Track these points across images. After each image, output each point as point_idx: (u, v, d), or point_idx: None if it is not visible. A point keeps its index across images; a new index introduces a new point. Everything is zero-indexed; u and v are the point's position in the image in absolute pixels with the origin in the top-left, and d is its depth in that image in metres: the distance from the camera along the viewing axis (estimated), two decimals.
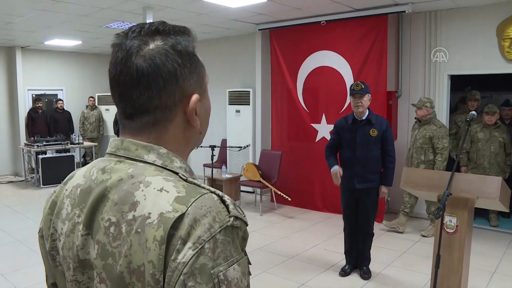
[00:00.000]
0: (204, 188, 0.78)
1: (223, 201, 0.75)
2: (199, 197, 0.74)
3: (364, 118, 4.15)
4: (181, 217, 0.71)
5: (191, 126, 0.86)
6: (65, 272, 0.87)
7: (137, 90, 0.81)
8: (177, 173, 0.81)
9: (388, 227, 5.69)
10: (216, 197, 0.75)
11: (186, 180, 0.80)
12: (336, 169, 4.18)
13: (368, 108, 4.17)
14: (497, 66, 5.62)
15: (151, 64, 0.80)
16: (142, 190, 0.77)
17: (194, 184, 0.79)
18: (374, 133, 4.12)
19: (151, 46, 0.81)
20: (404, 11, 5.78)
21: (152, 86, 0.80)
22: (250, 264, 0.79)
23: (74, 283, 0.85)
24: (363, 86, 4.07)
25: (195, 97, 0.84)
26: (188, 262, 0.69)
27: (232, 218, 0.74)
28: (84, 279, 0.83)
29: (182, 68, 0.82)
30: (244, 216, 0.77)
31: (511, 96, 6.63)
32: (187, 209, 0.72)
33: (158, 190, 0.76)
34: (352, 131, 4.19)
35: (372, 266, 4.36)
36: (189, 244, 0.70)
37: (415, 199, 5.61)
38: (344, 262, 4.44)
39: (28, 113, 9.57)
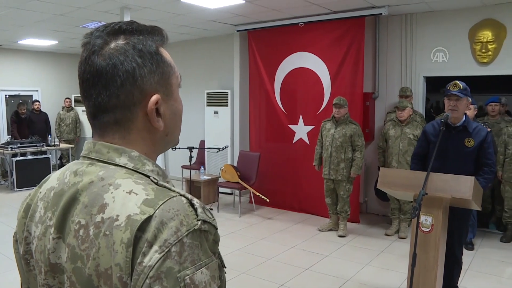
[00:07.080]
0: (174, 191, 0.77)
1: (192, 205, 0.75)
2: (167, 200, 0.74)
3: (459, 124, 3.49)
4: (148, 220, 0.71)
5: (154, 127, 0.85)
6: (37, 275, 0.87)
7: (96, 88, 0.81)
8: (148, 176, 0.81)
9: None
10: (185, 200, 0.75)
11: (157, 183, 0.79)
12: None
13: (465, 114, 3.52)
14: (470, 68, 5.76)
15: (109, 63, 0.80)
16: (112, 193, 0.76)
17: (165, 187, 0.79)
18: (470, 143, 3.46)
19: (112, 45, 0.81)
20: (381, 14, 5.86)
21: (110, 85, 0.80)
22: (225, 267, 0.79)
23: (46, 287, 0.84)
24: (461, 87, 3.40)
25: (154, 97, 0.83)
26: (154, 265, 0.68)
27: (200, 221, 0.73)
28: (55, 283, 0.83)
29: (141, 67, 0.81)
30: (214, 219, 0.77)
31: (483, 98, 6.77)
32: (154, 212, 0.71)
33: (127, 192, 0.75)
34: (443, 139, 3.42)
35: (350, 267, 4.40)
36: (155, 248, 0.69)
37: None
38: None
39: (12, 117, 9.29)
